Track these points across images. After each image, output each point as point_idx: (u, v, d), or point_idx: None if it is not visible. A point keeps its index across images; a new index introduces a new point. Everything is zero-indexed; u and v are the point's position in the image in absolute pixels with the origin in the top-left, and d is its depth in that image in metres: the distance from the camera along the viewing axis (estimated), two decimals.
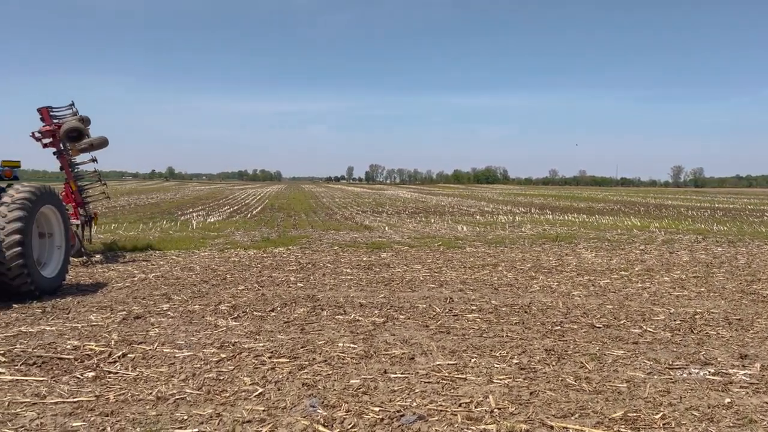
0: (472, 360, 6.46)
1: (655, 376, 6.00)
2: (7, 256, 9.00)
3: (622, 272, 12.79)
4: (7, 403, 5.09)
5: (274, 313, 8.61)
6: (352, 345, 6.96)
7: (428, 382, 5.75)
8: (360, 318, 8.33)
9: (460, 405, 5.17)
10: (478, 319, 8.35)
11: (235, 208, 37.60)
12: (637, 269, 13.24)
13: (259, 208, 37.71)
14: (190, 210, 34.44)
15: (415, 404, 5.19)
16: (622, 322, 8.32)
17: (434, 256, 15.14)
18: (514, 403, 5.23)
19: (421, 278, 11.75)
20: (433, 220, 27.61)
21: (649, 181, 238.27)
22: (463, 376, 5.92)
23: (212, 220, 27.10)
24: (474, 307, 9.09)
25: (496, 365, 6.28)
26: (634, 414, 5.01)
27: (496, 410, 5.05)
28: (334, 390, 5.51)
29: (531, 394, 5.46)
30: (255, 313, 8.61)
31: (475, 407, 5.12)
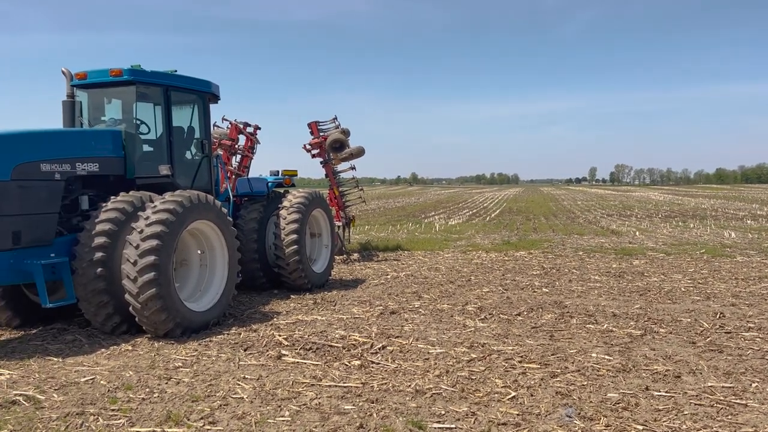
0: (753, 384, 5.66)
1: None
2: (287, 252, 10.36)
3: None
4: (291, 383, 5.84)
5: (520, 318, 8.54)
6: (606, 356, 6.59)
7: (699, 404, 5.19)
8: (614, 329, 7.85)
9: None
10: (758, 339, 7.29)
11: (474, 211, 38.24)
12: None
13: (498, 211, 37.84)
14: (432, 213, 35.92)
15: (684, 427, 4.72)
16: None
17: (696, 264, 13.61)
18: None
19: (683, 289, 10.65)
20: (692, 225, 24.88)
21: None
22: (743, 402, 5.22)
23: (453, 222, 27.93)
24: (752, 325, 7.96)
25: None
26: None
27: None
28: (591, 402, 5.26)
29: None
30: (501, 315, 8.64)
31: None
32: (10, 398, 5.40)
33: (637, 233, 21.34)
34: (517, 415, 5.00)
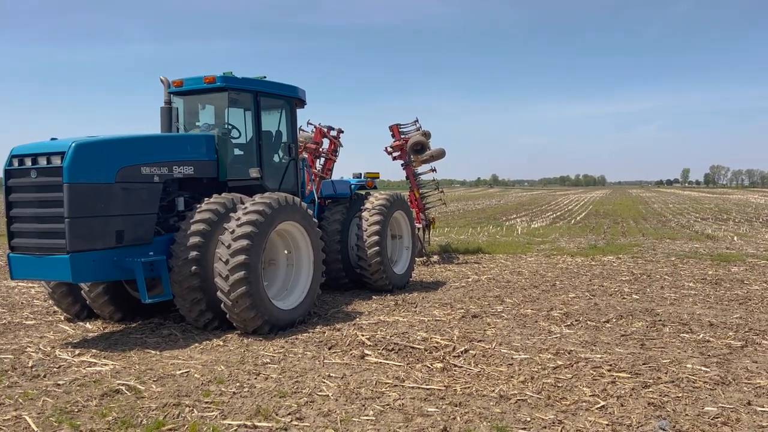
0: None
1: None
2: (369, 254, 10.49)
3: None
4: (374, 382, 5.91)
5: (609, 325, 8.24)
6: (703, 368, 6.24)
7: None
8: (711, 339, 7.43)
9: None
10: None
11: (558, 213, 37.25)
12: None
13: (583, 214, 36.68)
14: (514, 215, 35.29)
15: None
16: None
17: None
18: None
19: None
20: None
21: None
22: None
23: (536, 225, 27.32)
24: None
25: None
26: None
27: None
28: (686, 415, 5.01)
29: None
30: (589, 322, 8.37)
31: None
32: (114, 387, 5.78)
33: (735, 238, 20.10)
34: (607, 425, 4.83)
